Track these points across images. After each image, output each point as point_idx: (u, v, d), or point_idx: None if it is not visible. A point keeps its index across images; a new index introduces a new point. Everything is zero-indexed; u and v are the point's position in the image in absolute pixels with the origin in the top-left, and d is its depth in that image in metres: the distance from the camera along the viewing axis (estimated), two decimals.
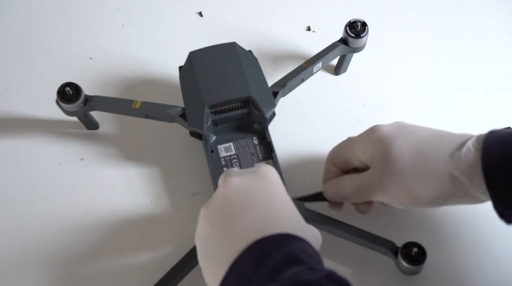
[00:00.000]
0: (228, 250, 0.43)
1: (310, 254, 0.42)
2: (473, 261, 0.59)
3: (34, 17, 0.74)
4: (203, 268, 0.46)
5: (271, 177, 0.48)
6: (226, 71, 0.60)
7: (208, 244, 0.45)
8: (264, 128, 0.60)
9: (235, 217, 0.45)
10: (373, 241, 0.56)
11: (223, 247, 0.44)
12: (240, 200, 0.45)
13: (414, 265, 0.53)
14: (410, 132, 0.52)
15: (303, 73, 0.64)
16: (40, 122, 0.67)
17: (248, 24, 0.74)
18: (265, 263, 0.41)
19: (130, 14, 0.75)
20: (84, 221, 0.61)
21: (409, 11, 0.76)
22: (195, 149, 0.65)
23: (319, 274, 0.39)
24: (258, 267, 0.41)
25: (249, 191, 0.46)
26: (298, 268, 0.40)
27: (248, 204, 0.45)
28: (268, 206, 0.45)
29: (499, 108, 0.68)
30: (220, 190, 0.47)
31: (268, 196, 0.46)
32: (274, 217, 0.45)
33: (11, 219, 0.61)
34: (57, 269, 0.58)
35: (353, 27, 0.64)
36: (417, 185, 0.50)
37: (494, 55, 0.72)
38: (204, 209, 0.47)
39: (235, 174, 0.48)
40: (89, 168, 0.64)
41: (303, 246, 0.43)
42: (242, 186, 0.46)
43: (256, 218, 0.44)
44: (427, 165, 0.50)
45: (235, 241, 0.43)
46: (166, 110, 0.60)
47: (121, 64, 0.71)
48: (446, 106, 0.69)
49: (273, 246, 0.42)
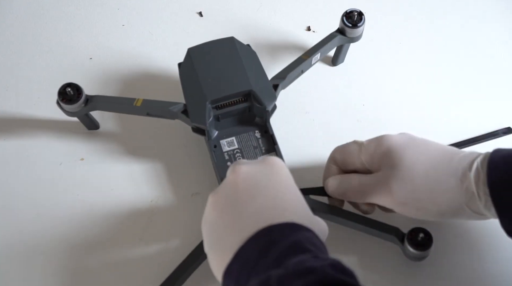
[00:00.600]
0: (234, 237, 0.43)
1: (316, 243, 0.43)
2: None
3: (34, 17, 0.74)
4: (209, 254, 0.46)
5: (280, 167, 0.48)
6: (225, 66, 0.60)
7: (215, 231, 0.46)
8: (266, 121, 0.60)
9: (243, 204, 0.45)
10: (379, 228, 0.56)
11: (229, 234, 0.44)
12: (248, 188, 0.46)
13: (421, 250, 0.54)
14: (420, 145, 0.53)
15: (302, 65, 0.64)
16: (40, 122, 0.67)
17: (248, 24, 0.74)
18: (270, 251, 0.41)
19: (130, 14, 0.75)
20: (84, 221, 0.61)
21: (409, 11, 0.76)
22: (195, 148, 0.65)
23: (324, 262, 0.39)
24: (263, 254, 0.41)
25: (258, 179, 0.46)
26: (304, 256, 0.40)
27: (256, 192, 0.46)
28: (276, 194, 0.46)
29: (499, 107, 0.68)
30: (229, 177, 0.47)
31: (277, 185, 0.47)
32: (281, 206, 0.45)
33: (11, 219, 0.61)
34: (57, 269, 0.58)
35: (350, 17, 0.65)
36: (427, 196, 0.51)
37: (494, 52, 0.73)
38: (212, 196, 0.47)
39: (244, 163, 0.48)
40: (89, 168, 0.64)
41: (309, 236, 0.43)
42: (250, 174, 0.47)
43: (264, 206, 0.45)
44: (440, 178, 0.51)
45: (242, 228, 0.43)
46: (168, 107, 0.60)
47: (121, 64, 0.71)
48: (446, 104, 0.69)
49: (280, 234, 0.42)
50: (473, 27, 0.75)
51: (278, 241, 0.41)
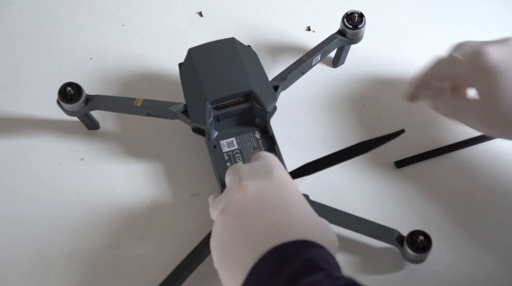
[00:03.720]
0: (246, 256, 0.43)
1: (329, 260, 0.42)
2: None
3: (34, 17, 0.74)
4: (220, 271, 0.46)
5: (287, 181, 0.48)
6: (226, 67, 0.60)
7: (226, 249, 0.45)
8: (266, 122, 0.60)
9: (253, 223, 0.44)
10: (379, 230, 0.56)
11: (241, 253, 0.43)
12: (257, 206, 0.45)
13: (420, 253, 0.54)
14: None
15: (302, 67, 0.64)
16: (40, 122, 0.67)
17: (248, 24, 0.74)
18: (284, 270, 0.40)
19: (130, 14, 0.75)
20: (84, 221, 0.60)
21: (409, 11, 0.76)
22: (195, 148, 0.65)
23: (339, 282, 0.38)
24: (276, 273, 0.40)
25: (266, 197, 0.46)
26: (317, 275, 0.39)
27: (265, 210, 0.45)
28: (285, 211, 0.45)
29: None
30: (236, 196, 0.46)
31: (285, 200, 0.46)
32: (292, 222, 0.44)
33: (10, 219, 0.61)
34: (57, 269, 0.58)
35: (350, 18, 0.65)
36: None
37: None
38: (221, 215, 0.46)
39: (248, 176, 0.47)
40: (89, 168, 0.64)
41: (321, 253, 0.42)
42: (259, 192, 0.46)
43: (274, 224, 0.44)
44: None
45: (254, 246, 0.43)
46: (168, 107, 0.60)
47: (121, 64, 0.71)
48: None
49: (292, 252, 0.41)
50: (473, 28, 0.75)
51: (290, 260, 0.41)
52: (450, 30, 0.74)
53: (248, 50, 0.63)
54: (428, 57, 0.72)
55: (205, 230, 0.57)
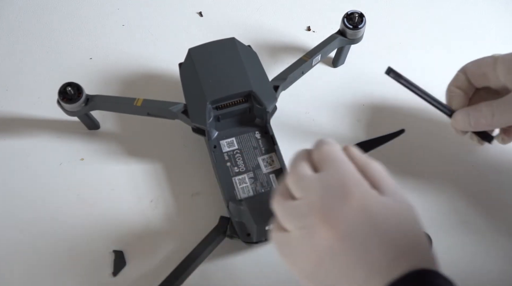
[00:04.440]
0: (370, 276, 0.36)
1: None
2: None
3: (34, 17, 0.74)
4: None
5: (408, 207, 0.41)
6: (226, 67, 0.60)
7: (332, 265, 0.38)
8: (266, 122, 0.60)
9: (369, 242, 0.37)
10: None
11: (360, 271, 0.37)
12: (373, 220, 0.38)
13: None
14: None
15: (303, 67, 0.64)
16: (40, 122, 0.67)
17: (248, 24, 0.74)
18: None
19: (130, 14, 0.75)
20: (84, 221, 0.61)
21: (409, 12, 0.76)
22: (195, 148, 0.65)
23: None
24: None
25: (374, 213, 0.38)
26: None
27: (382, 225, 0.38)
28: (407, 229, 0.39)
29: None
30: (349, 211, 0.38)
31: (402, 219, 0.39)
32: (410, 243, 0.38)
33: (10, 219, 0.61)
34: (56, 269, 0.58)
35: (351, 18, 0.65)
36: None
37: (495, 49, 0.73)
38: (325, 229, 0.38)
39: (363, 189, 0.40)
40: (89, 168, 0.64)
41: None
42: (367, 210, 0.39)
43: (394, 243, 0.37)
44: None
45: (379, 267, 0.36)
46: (168, 107, 0.60)
47: (121, 64, 0.71)
48: None
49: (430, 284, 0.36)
50: (474, 28, 0.75)
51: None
52: (450, 30, 0.74)
53: (248, 50, 0.63)
54: (428, 57, 0.72)
55: (205, 230, 0.57)
